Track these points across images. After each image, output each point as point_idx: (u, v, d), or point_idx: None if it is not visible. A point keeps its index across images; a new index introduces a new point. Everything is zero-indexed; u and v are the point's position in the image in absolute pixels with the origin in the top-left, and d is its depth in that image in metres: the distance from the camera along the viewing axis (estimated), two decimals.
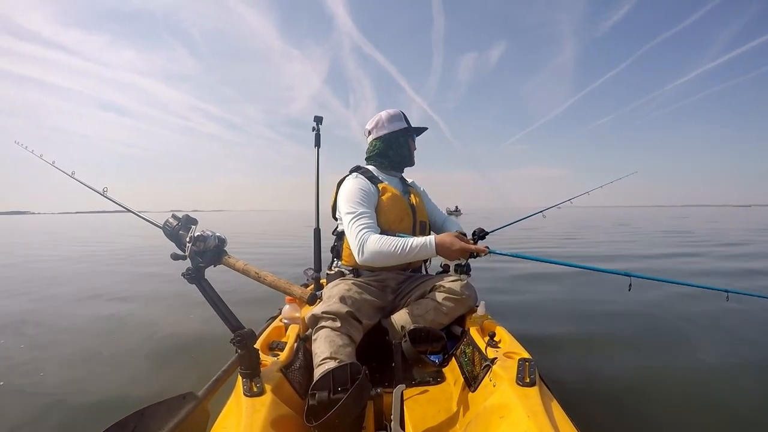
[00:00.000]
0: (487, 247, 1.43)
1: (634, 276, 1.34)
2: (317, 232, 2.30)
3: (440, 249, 1.39)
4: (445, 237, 1.40)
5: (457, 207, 38.02)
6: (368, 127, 1.72)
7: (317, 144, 2.36)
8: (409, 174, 1.86)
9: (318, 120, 2.36)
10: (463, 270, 1.57)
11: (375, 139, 1.69)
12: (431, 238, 1.40)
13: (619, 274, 1.37)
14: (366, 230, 1.43)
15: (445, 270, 1.73)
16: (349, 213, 1.48)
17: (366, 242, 1.40)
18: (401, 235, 1.47)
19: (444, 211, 1.93)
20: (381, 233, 1.49)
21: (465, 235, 1.71)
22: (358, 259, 1.44)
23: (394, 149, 1.68)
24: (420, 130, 1.77)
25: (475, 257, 1.50)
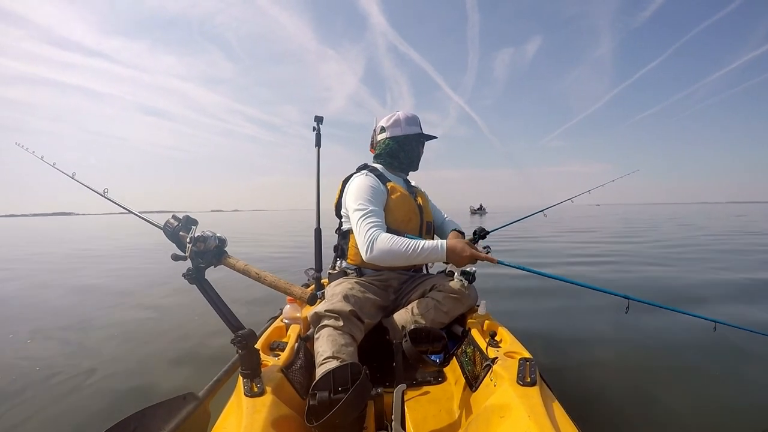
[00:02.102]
0: (498, 260, 1.42)
1: (632, 299, 1.37)
2: (318, 232, 2.30)
3: (450, 254, 1.36)
4: (456, 243, 1.37)
5: (481, 205, 37.21)
6: (383, 123, 1.69)
7: (317, 144, 2.36)
8: (411, 176, 1.86)
9: (318, 120, 2.36)
10: (469, 278, 1.56)
11: (389, 138, 1.67)
12: (443, 243, 1.37)
13: (618, 295, 1.39)
14: (376, 228, 1.41)
15: (449, 275, 1.72)
16: (358, 210, 1.46)
17: (376, 240, 1.38)
18: (410, 236, 1.46)
19: (468, 210, 1.92)
20: (389, 232, 1.47)
21: (464, 234, 1.71)
22: (365, 256, 1.40)
23: (405, 151, 1.68)
24: (430, 138, 1.77)
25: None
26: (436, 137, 1.77)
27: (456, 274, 1.60)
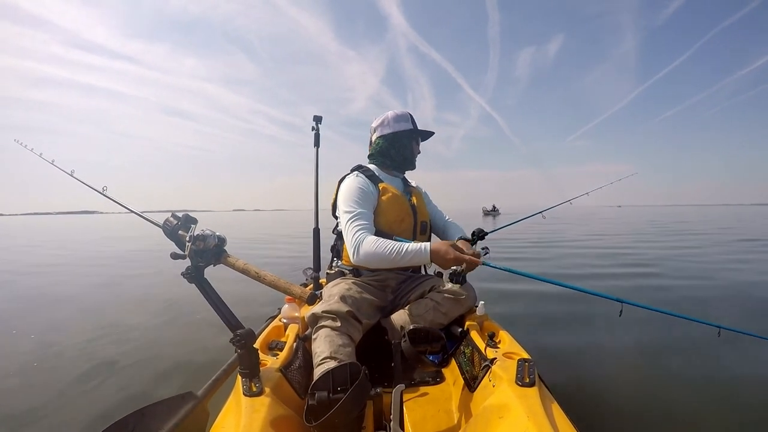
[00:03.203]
0: (482, 261, 1.42)
1: (625, 302, 1.38)
2: (316, 232, 2.30)
3: (434, 256, 1.38)
4: (440, 245, 1.39)
5: (494, 206, 36.84)
6: (374, 124, 1.71)
7: (316, 144, 2.36)
8: (413, 177, 1.86)
9: (317, 120, 2.36)
10: (458, 279, 1.56)
11: (379, 137, 1.68)
12: (426, 245, 1.39)
13: (611, 299, 1.40)
14: (362, 231, 1.43)
15: (439, 276, 1.72)
16: (347, 212, 1.48)
17: (362, 243, 1.40)
18: (398, 238, 1.47)
19: (481, 211, 1.91)
20: (380, 233, 1.49)
21: (468, 240, 1.70)
22: (352, 259, 1.44)
23: (396, 149, 1.68)
24: (426, 134, 1.76)
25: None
26: (432, 133, 1.76)
27: (445, 276, 1.60)
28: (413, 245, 1.39)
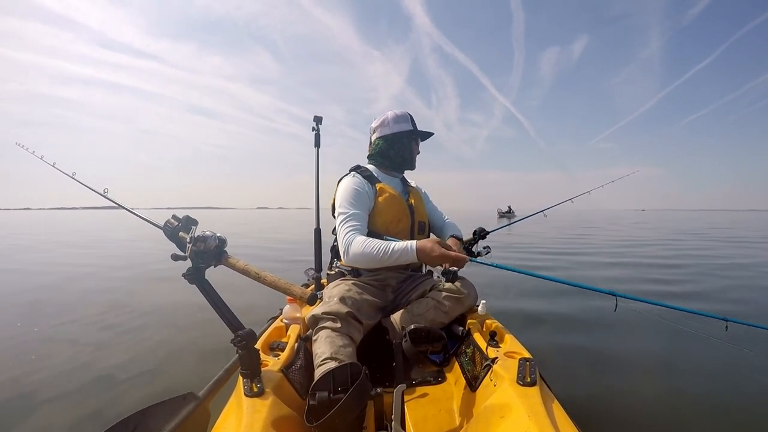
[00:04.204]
0: (470, 258, 1.45)
1: (619, 296, 1.39)
2: (317, 232, 2.30)
3: (420, 254, 1.39)
4: (425, 243, 1.40)
5: (509, 208, 36.55)
6: (373, 125, 1.72)
7: (317, 144, 2.36)
8: (413, 177, 1.86)
9: (317, 120, 2.36)
10: (449, 277, 1.56)
11: (378, 137, 1.69)
12: (413, 243, 1.40)
13: (604, 292, 1.40)
14: (353, 232, 1.45)
15: (430, 275, 1.73)
16: (341, 213, 1.51)
17: (351, 244, 1.43)
18: (388, 238, 1.48)
19: (496, 213, 1.92)
20: (376, 234, 1.51)
21: (459, 239, 1.72)
22: (344, 259, 1.47)
23: (395, 150, 1.68)
24: (425, 135, 1.76)
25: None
26: (432, 133, 1.77)
27: (435, 273, 1.61)
28: (400, 244, 1.40)
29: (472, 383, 1.15)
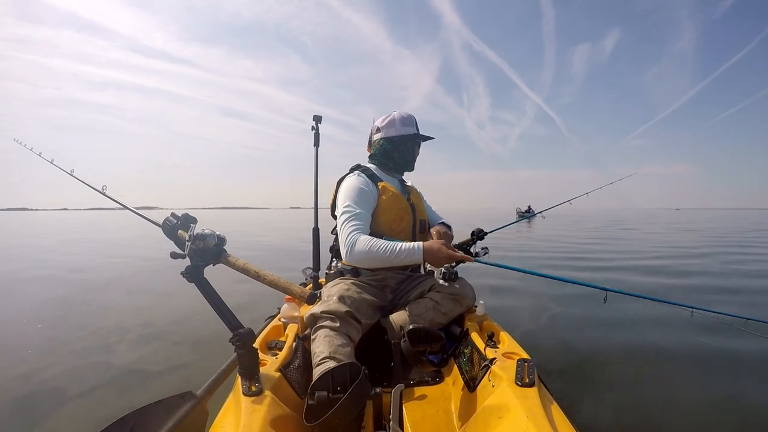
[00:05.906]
0: (475, 258, 1.49)
1: (610, 290, 1.41)
2: (316, 232, 2.30)
3: (427, 255, 1.40)
4: (433, 243, 1.41)
5: (530, 207, 35.99)
6: (378, 124, 1.71)
7: (316, 143, 2.36)
8: (409, 177, 1.86)
9: (317, 119, 2.36)
10: (450, 277, 1.57)
11: (383, 138, 1.68)
12: (420, 244, 1.41)
13: (596, 287, 1.42)
14: (356, 231, 1.44)
15: (430, 274, 1.73)
16: (344, 212, 1.49)
17: (355, 243, 1.42)
18: (388, 238, 1.48)
19: (515, 212, 1.94)
20: (379, 233, 1.51)
21: (448, 225, 1.75)
22: (345, 258, 1.45)
23: (399, 152, 1.68)
24: (426, 139, 1.77)
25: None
26: (432, 138, 1.78)
27: (436, 273, 1.62)
28: (407, 244, 1.40)
29: (471, 384, 1.15)
